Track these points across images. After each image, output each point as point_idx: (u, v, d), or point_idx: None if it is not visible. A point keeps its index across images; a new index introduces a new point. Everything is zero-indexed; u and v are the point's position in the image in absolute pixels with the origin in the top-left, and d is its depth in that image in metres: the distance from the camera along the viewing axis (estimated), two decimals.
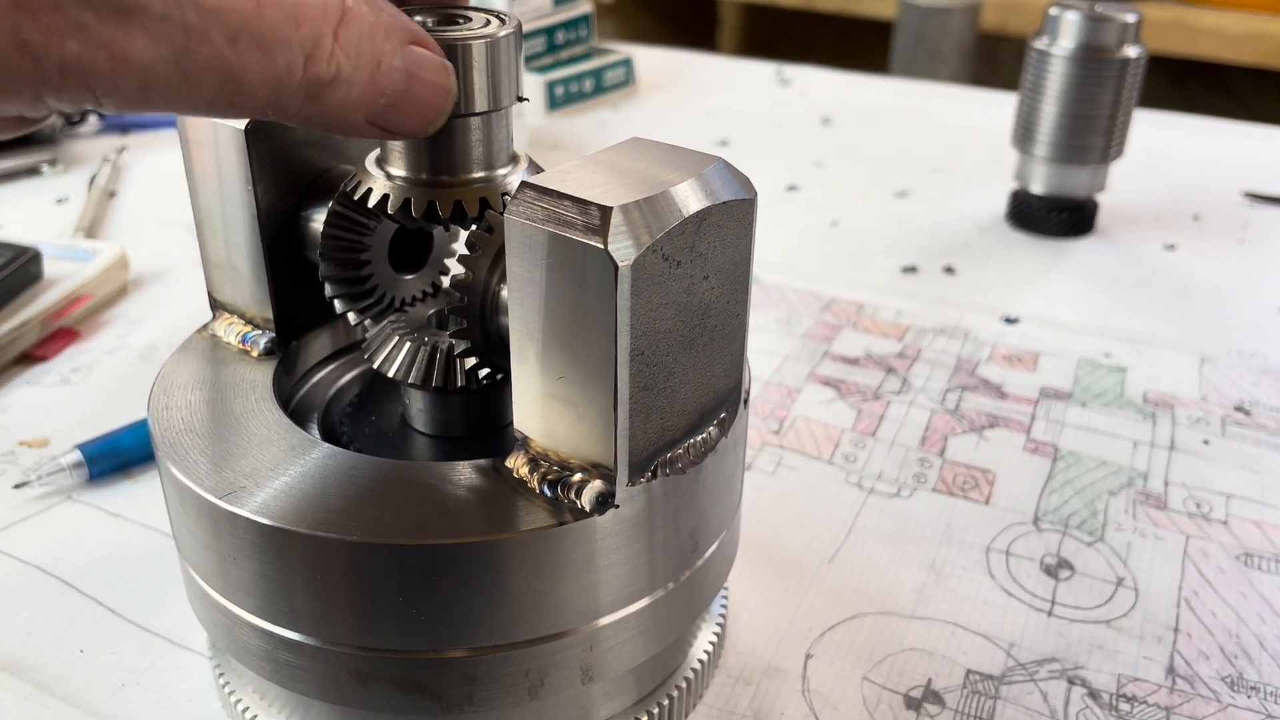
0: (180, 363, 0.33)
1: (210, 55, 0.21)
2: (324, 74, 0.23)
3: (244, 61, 0.21)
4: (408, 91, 0.25)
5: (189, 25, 0.20)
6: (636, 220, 0.25)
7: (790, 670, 0.36)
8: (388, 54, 0.24)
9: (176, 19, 0.20)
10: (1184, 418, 0.50)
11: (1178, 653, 0.37)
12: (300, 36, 0.22)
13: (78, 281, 0.55)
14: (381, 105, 0.24)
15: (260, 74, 0.22)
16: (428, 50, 0.26)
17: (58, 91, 0.20)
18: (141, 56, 0.20)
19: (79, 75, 0.20)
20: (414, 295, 0.34)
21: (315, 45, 0.22)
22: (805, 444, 0.47)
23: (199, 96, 0.21)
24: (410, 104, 0.25)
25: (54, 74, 0.19)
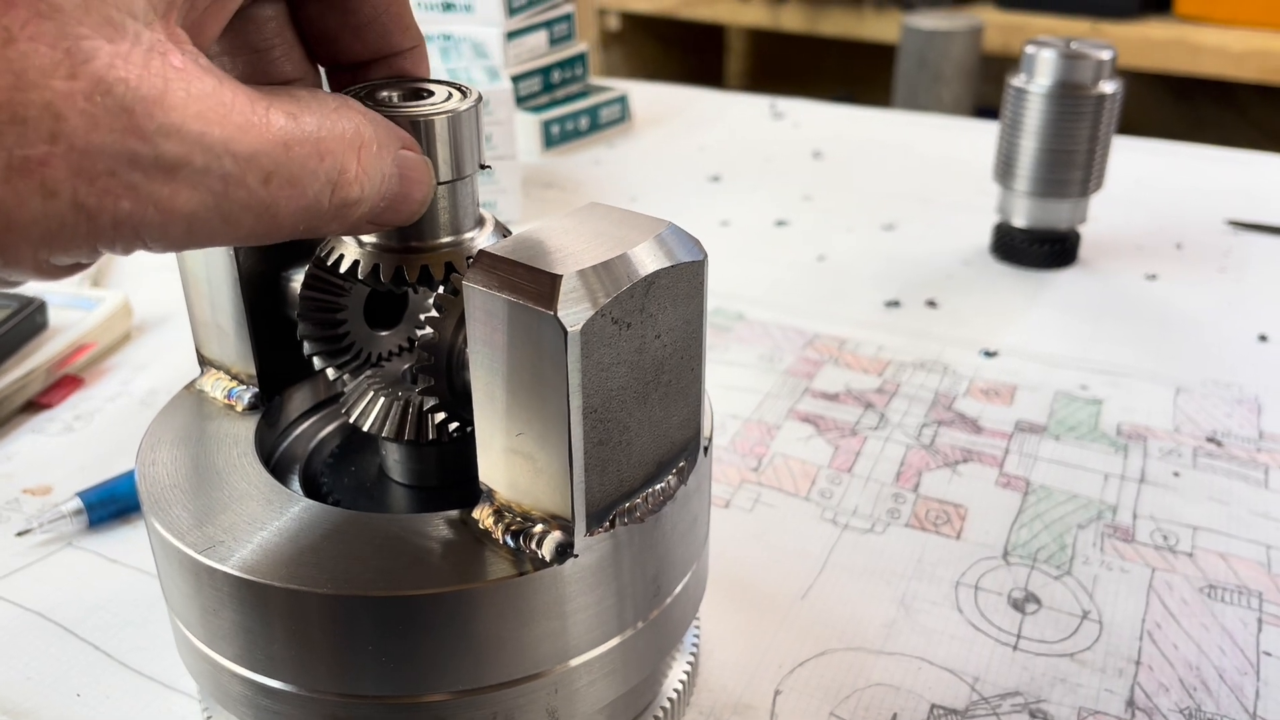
0: (167, 419, 0.35)
1: (247, 197, 0.23)
2: (349, 197, 0.25)
3: (277, 198, 0.23)
4: (400, 192, 0.28)
5: (227, 174, 0.22)
6: (586, 286, 0.26)
7: (759, 706, 0.37)
8: (388, 164, 0.27)
9: (215, 169, 0.22)
10: (1156, 449, 0.51)
11: (1138, 685, 0.38)
12: (325, 168, 0.24)
13: (82, 330, 0.57)
14: (381, 208, 0.27)
15: (292, 207, 0.24)
16: (413, 151, 0.28)
17: (111, 243, 0.22)
18: (186, 206, 0.22)
19: (131, 229, 0.21)
20: (390, 350, 0.36)
21: (340, 174, 0.25)
22: (783, 481, 0.48)
23: (237, 232, 0.23)
24: (402, 202, 0.28)
25: (108, 229, 0.21)
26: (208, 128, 0.22)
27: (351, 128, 0.25)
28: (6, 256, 0.21)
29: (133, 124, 0.21)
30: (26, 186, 0.20)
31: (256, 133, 0.23)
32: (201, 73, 0.22)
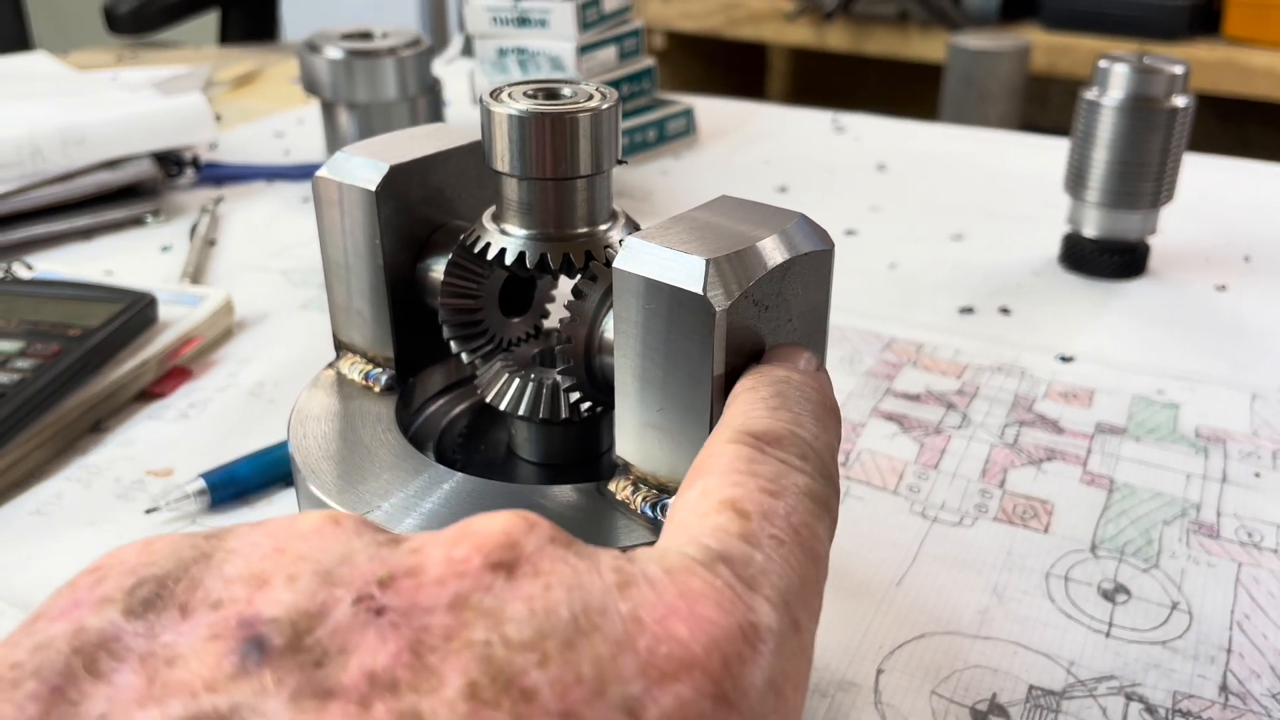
0: (312, 397, 0.37)
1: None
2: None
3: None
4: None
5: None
6: (728, 270, 0.28)
7: (863, 684, 0.38)
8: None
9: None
10: (1235, 451, 0.52)
11: (1230, 672, 0.39)
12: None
13: (189, 324, 0.60)
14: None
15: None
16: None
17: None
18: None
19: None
20: (519, 336, 0.38)
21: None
22: (871, 475, 0.50)
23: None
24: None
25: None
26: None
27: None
28: None
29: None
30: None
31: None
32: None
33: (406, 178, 0.36)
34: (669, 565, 0.20)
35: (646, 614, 0.18)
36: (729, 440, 0.25)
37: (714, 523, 0.21)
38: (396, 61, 0.81)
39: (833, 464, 0.25)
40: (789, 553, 0.21)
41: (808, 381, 0.28)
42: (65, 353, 0.52)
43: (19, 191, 0.74)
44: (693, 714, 0.17)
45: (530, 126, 0.31)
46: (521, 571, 0.18)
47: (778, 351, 0.29)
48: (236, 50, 1.39)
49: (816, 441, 0.25)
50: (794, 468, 0.24)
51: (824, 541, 0.23)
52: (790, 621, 0.20)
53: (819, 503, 0.23)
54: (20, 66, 1.05)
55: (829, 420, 0.27)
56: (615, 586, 0.18)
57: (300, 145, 0.97)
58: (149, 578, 0.18)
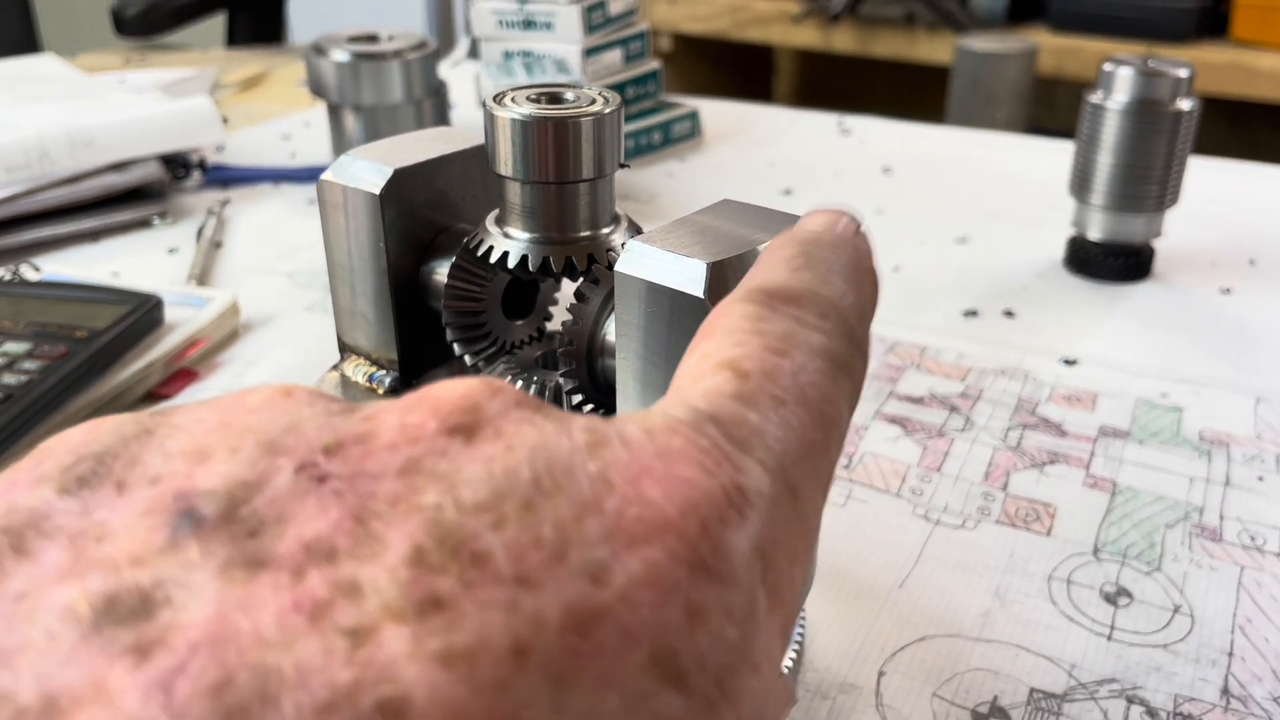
0: None
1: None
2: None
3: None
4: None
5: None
6: (729, 274, 0.28)
7: (864, 686, 0.38)
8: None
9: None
10: (1239, 455, 0.52)
11: (1232, 675, 0.39)
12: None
13: (195, 326, 0.60)
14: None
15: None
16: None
17: None
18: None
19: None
20: (522, 339, 0.38)
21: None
22: (874, 478, 0.50)
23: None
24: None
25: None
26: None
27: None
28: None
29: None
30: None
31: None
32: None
33: (411, 181, 0.36)
34: (650, 426, 0.18)
35: (617, 474, 0.16)
36: (738, 299, 0.22)
37: (708, 384, 0.20)
38: (403, 64, 0.81)
39: (860, 327, 0.23)
40: (790, 413, 0.19)
41: (842, 241, 0.25)
42: (72, 354, 0.52)
43: (26, 194, 0.75)
44: (665, 580, 0.15)
45: (533, 131, 0.32)
46: (482, 434, 0.17)
47: (812, 215, 0.26)
48: (243, 53, 1.39)
49: (842, 301, 0.23)
50: (809, 325, 0.22)
51: (837, 405, 0.21)
52: (786, 487, 0.18)
53: (836, 364, 0.21)
54: (28, 69, 1.06)
55: (863, 282, 0.24)
56: (585, 446, 0.17)
57: (307, 148, 0.98)
58: (87, 455, 0.17)
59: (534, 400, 0.18)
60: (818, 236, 0.25)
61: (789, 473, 0.18)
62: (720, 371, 0.20)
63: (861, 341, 0.23)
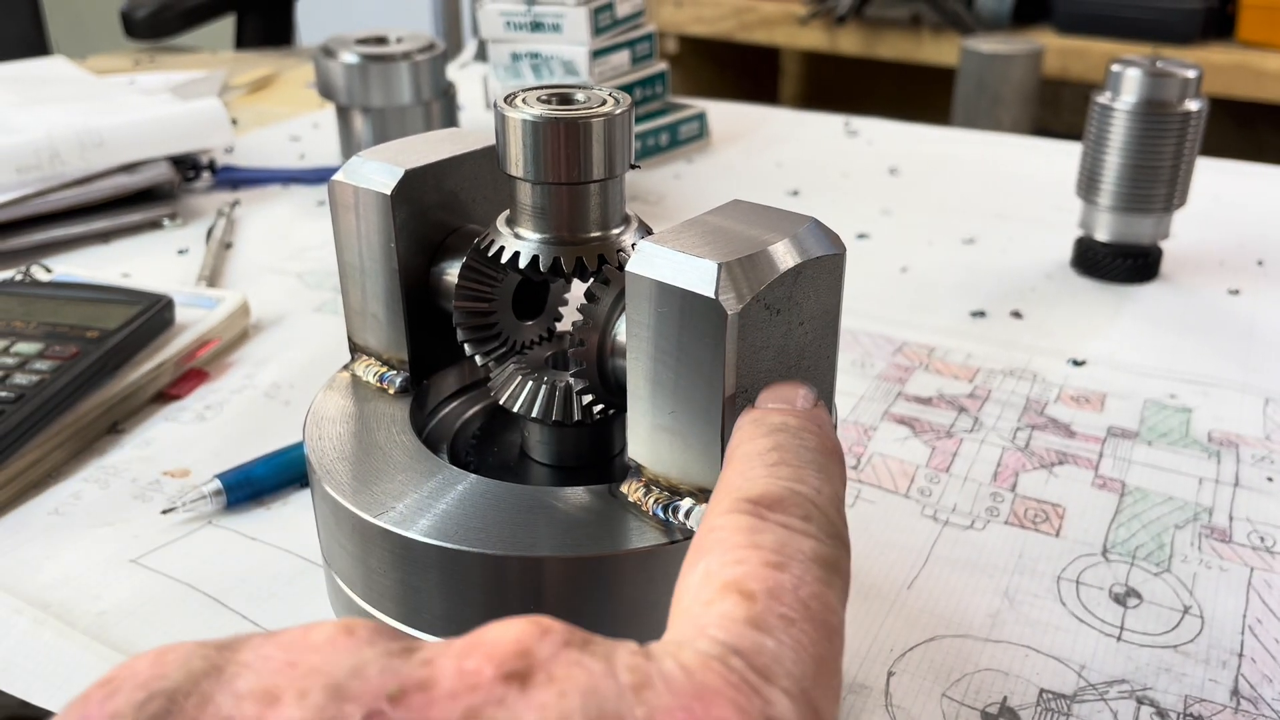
0: (327, 399, 0.37)
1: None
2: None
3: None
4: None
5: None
6: (740, 274, 0.28)
7: (874, 686, 0.38)
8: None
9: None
10: (1248, 456, 0.52)
11: (1242, 676, 0.39)
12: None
13: (205, 326, 0.60)
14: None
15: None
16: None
17: None
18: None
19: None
20: (532, 340, 0.38)
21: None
22: (882, 478, 0.50)
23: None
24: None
25: None
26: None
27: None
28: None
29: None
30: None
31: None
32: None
33: (421, 182, 0.36)
34: (684, 662, 0.19)
35: (661, 718, 0.18)
36: (727, 510, 0.24)
37: (719, 610, 0.21)
38: (411, 66, 0.81)
39: (839, 518, 0.24)
40: (800, 632, 0.21)
41: (805, 425, 0.27)
42: (83, 354, 0.53)
43: (38, 195, 0.75)
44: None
45: (544, 132, 0.32)
46: (535, 680, 0.18)
47: (773, 391, 0.28)
48: (252, 55, 1.40)
49: (819, 496, 0.24)
50: (797, 531, 0.23)
51: (837, 611, 0.22)
52: (809, 709, 0.19)
53: (828, 568, 0.23)
54: (39, 71, 1.06)
55: (832, 467, 0.26)
56: (630, 689, 0.19)
57: (315, 149, 0.98)
58: (159, 692, 0.18)
59: (580, 636, 0.20)
60: (784, 422, 0.27)
61: (811, 695, 0.20)
62: (728, 595, 0.21)
63: (843, 533, 0.24)
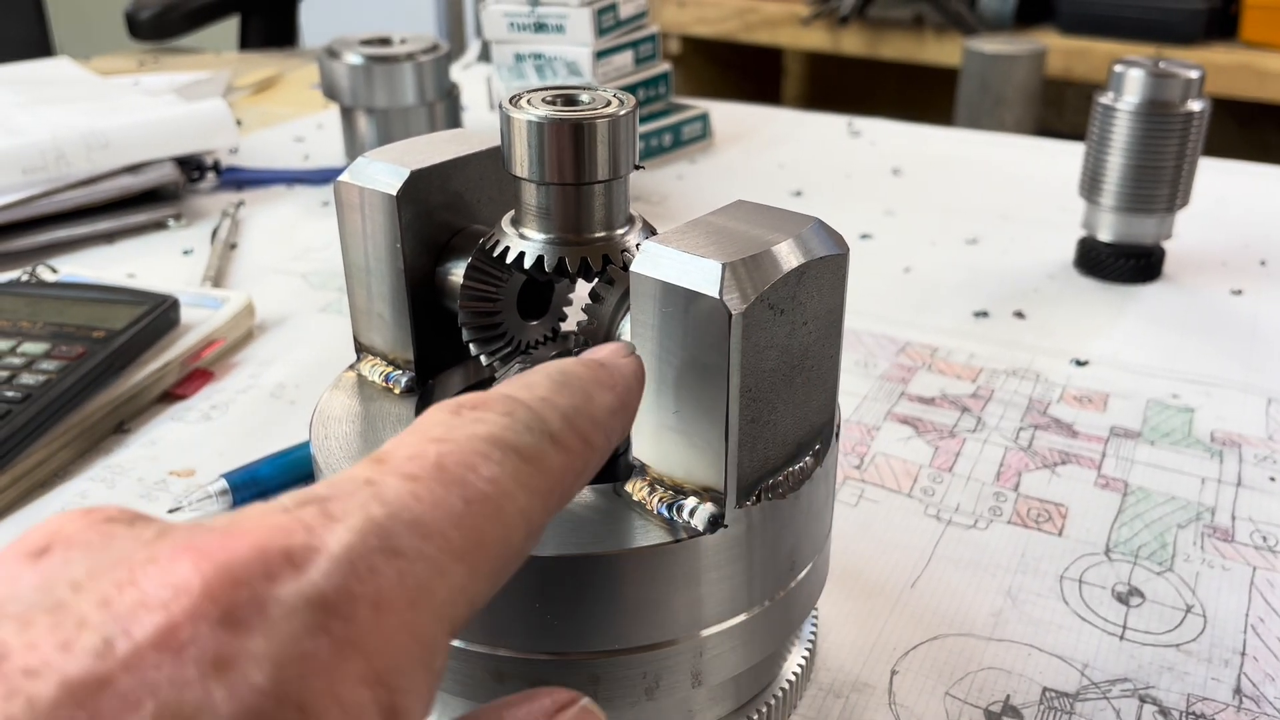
0: (333, 399, 0.38)
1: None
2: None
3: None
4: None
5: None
6: (744, 274, 0.29)
7: (877, 685, 0.39)
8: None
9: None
10: (1251, 456, 0.52)
11: (1244, 675, 0.39)
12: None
13: (211, 327, 0.60)
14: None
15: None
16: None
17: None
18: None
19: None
20: (536, 339, 0.38)
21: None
22: (885, 478, 0.50)
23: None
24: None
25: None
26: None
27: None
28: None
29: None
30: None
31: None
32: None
33: (427, 182, 0.36)
34: (246, 514, 0.19)
35: (162, 555, 0.18)
36: (436, 407, 0.24)
37: (351, 470, 0.21)
38: (415, 67, 0.81)
39: (560, 423, 0.24)
40: (421, 486, 0.20)
41: (583, 362, 0.27)
42: (90, 354, 0.53)
43: (43, 195, 0.75)
44: (178, 639, 0.16)
45: (549, 133, 0.32)
46: (51, 553, 0.18)
47: (590, 349, 0.29)
48: (256, 56, 1.40)
49: (539, 402, 0.24)
50: (482, 421, 0.23)
51: (492, 481, 0.22)
52: (380, 545, 0.19)
53: (503, 447, 0.22)
54: (43, 72, 1.06)
55: (593, 390, 0.26)
56: (150, 540, 0.18)
57: (320, 150, 0.98)
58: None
59: (132, 515, 0.20)
60: (560, 363, 0.27)
61: (389, 533, 0.19)
62: (367, 460, 0.22)
63: (561, 434, 0.24)
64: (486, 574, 0.21)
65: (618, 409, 0.27)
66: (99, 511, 0.20)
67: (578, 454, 0.24)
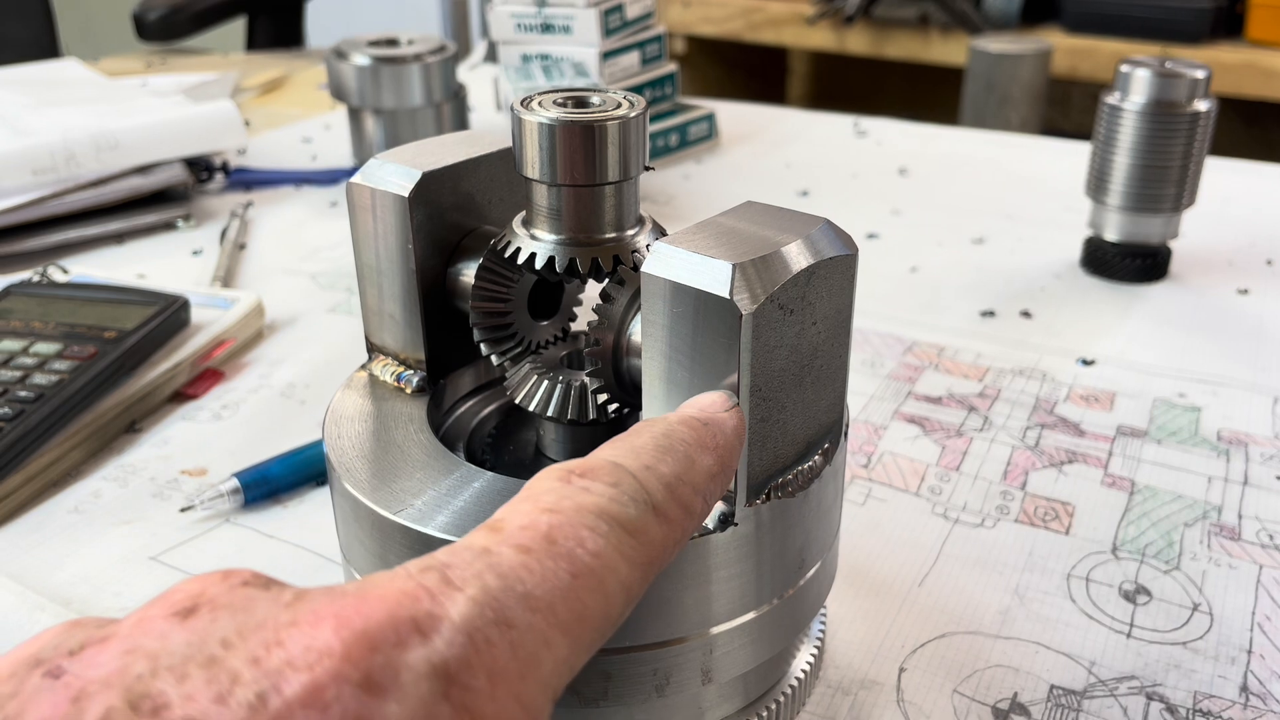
0: (345, 398, 0.38)
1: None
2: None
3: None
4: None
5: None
6: (754, 275, 0.29)
7: (885, 682, 0.39)
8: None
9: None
10: (1257, 455, 0.52)
11: (1251, 673, 0.39)
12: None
13: (221, 327, 0.61)
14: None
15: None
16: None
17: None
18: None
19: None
20: (547, 339, 0.39)
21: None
22: (893, 477, 0.50)
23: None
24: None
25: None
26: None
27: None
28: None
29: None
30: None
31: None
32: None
33: (438, 184, 0.37)
34: (375, 581, 0.21)
35: (303, 618, 0.19)
36: (545, 476, 0.25)
37: (468, 538, 0.22)
38: (422, 68, 0.82)
39: (664, 493, 0.25)
40: (533, 559, 0.22)
41: (685, 420, 0.27)
42: (101, 355, 0.53)
43: (53, 196, 0.76)
44: (324, 697, 0.18)
45: (560, 134, 0.32)
46: (198, 613, 0.20)
47: (691, 400, 0.29)
48: (263, 57, 1.41)
49: (644, 471, 0.25)
50: (590, 492, 0.24)
51: (597, 555, 0.23)
52: (494, 618, 0.20)
53: (608, 520, 0.23)
54: (51, 73, 1.07)
55: (695, 455, 0.27)
56: (288, 603, 0.20)
57: (327, 150, 0.99)
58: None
59: (266, 579, 0.21)
60: (665, 422, 0.27)
61: (503, 606, 0.21)
62: (482, 529, 0.23)
63: (663, 505, 0.25)
64: (587, 644, 0.22)
65: (717, 473, 0.27)
66: (236, 575, 0.21)
67: (678, 524, 0.25)
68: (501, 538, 0.22)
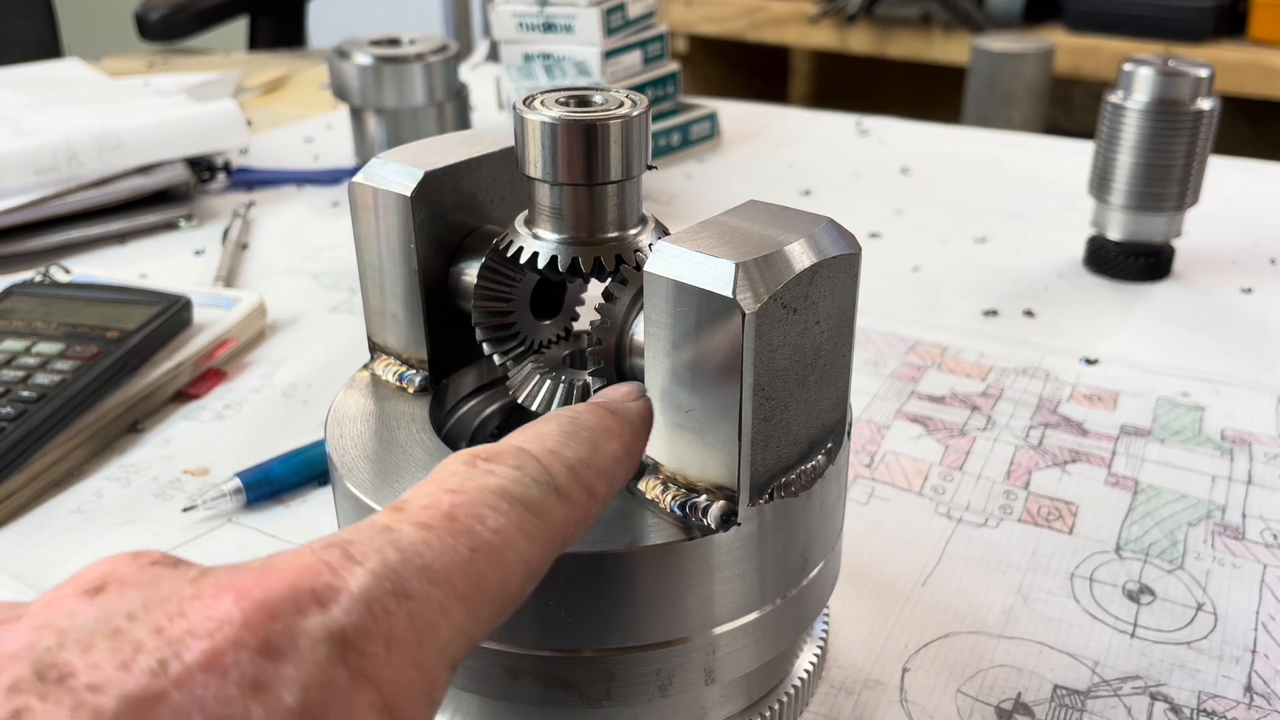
0: (348, 398, 0.38)
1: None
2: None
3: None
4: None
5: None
6: (757, 274, 0.29)
7: (889, 682, 0.39)
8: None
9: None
10: (1261, 454, 0.52)
11: (1255, 672, 0.39)
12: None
13: (223, 327, 0.61)
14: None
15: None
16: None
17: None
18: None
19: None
20: (549, 339, 0.38)
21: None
22: (896, 477, 0.50)
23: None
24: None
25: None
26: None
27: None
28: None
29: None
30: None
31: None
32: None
33: (440, 183, 0.37)
34: (278, 557, 0.21)
35: (207, 591, 0.20)
36: (453, 458, 0.26)
37: (374, 518, 0.23)
38: (424, 67, 0.82)
39: (566, 475, 0.26)
40: (433, 535, 0.23)
41: (593, 408, 0.29)
42: (103, 354, 0.53)
43: (56, 196, 0.76)
44: (223, 663, 0.19)
45: (562, 134, 0.32)
46: (106, 591, 0.20)
47: (603, 390, 0.31)
48: (265, 56, 1.41)
49: (549, 455, 0.26)
50: (494, 474, 0.25)
51: (497, 531, 0.24)
52: (394, 588, 0.21)
53: (510, 499, 0.24)
54: (53, 73, 1.07)
55: (601, 440, 0.28)
56: (193, 579, 0.21)
57: (329, 150, 0.99)
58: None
59: (174, 559, 0.22)
60: (573, 411, 0.29)
61: (402, 578, 0.21)
62: (388, 508, 0.24)
63: (567, 486, 0.26)
64: (487, 615, 0.23)
65: (622, 457, 0.29)
66: (145, 555, 0.22)
67: (581, 504, 0.27)
68: (403, 516, 0.23)
